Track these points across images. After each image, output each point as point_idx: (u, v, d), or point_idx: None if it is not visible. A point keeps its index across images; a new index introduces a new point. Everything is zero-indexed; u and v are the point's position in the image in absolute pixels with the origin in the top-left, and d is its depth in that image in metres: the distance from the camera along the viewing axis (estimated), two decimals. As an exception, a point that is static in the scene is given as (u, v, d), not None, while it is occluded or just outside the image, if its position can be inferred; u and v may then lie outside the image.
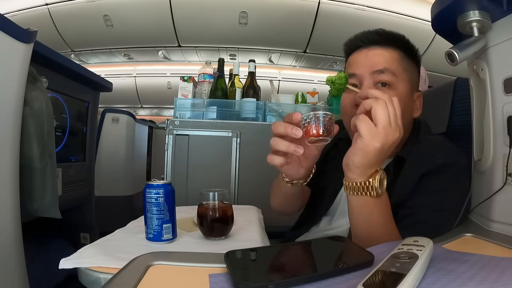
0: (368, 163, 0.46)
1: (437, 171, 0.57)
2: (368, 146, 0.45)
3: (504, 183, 0.54)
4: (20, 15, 2.77)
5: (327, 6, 2.68)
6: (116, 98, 4.03)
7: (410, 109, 0.64)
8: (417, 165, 0.58)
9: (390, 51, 0.61)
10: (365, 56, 0.62)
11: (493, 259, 0.37)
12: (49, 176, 1.05)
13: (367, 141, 0.45)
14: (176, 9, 2.73)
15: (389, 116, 0.45)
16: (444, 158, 0.57)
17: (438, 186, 0.57)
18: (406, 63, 0.62)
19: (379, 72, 0.59)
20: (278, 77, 4.01)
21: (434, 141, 0.63)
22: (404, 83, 0.61)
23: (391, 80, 0.59)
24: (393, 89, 0.59)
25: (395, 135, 0.46)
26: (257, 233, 0.69)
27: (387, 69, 0.59)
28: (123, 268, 0.38)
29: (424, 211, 0.56)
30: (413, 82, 0.63)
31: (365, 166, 0.46)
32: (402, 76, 0.60)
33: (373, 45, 0.62)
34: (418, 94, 0.66)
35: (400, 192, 0.58)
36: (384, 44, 0.61)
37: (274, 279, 0.33)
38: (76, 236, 1.65)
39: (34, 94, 1.00)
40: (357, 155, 0.46)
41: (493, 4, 0.51)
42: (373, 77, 0.60)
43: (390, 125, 0.45)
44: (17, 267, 0.92)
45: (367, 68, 0.60)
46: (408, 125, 0.64)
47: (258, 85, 1.40)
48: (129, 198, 2.36)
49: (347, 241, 0.46)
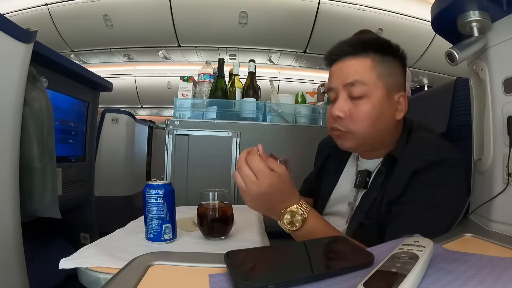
0: (264, 210, 0.58)
1: (429, 168, 0.57)
2: (247, 202, 0.56)
3: (506, 185, 0.54)
4: (20, 15, 2.77)
5: (327, 6, 2.68)
6: (116, 98, 4.04)
7: (390, 112, 0.63)
8: (409, 163, 0.59)
9: (362, 60, 0.62)
10: (339, 69, 0.64)
11: (493, 259, 0.37)
12: (49, 176, 1.05)
13: (244, 198, 0.56)
14: (176, 9, 2.73)
15: (241, 181, 0.54)
16: (436, 155, 0.58)
17: (429, 182, 0.57)
18: (382, 67, 0.62)
19: (350, 85, 0.61)
20: (278, 77, 4.01)
21: (427, 139, 0.63)
22: (379, 90, 0.61)
23: (363, 91, 0.61)
24: (367, 97, 0.61)
25: (254, 188, 0.53)
26: (257, 233, 0.69)
27: (357, 80, 0.61)
28: (123, 268, 0.38)
29: (416, 207, 0.56)
30: (390, 85, 0.63)
31: (266, 212, 0.57)
32: (375, 83, 0.61)
33: (346, 56, 0.63)
34: (401, 94, 0.64)
35: (392, 190, 0.59)
36: (357, 54, 0.62)
37: (274, 279, 0.33)
38: (76, 236, 1.65)
39: (34, 94, 0.99)
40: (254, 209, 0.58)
41: (493, 4, 0.51)
42: (346, 90, 0.62)
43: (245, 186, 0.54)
44: (17, 267, 0.92)
45: (340, 81, 0.63)
46: (390, 126, 0.64)
47: (258, 85, 1.40)
48: (129, 198, 2.36)
49: (347, 241, 0.46)
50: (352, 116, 0.62)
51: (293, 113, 1.39)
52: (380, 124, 0.62)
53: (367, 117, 0.61)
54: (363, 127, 0.61)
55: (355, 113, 0.61)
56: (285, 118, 1.37)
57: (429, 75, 3.58)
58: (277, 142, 1.28)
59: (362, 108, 0.61)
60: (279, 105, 1.39)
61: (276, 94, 1.42)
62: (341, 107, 0.62)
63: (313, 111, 1.40)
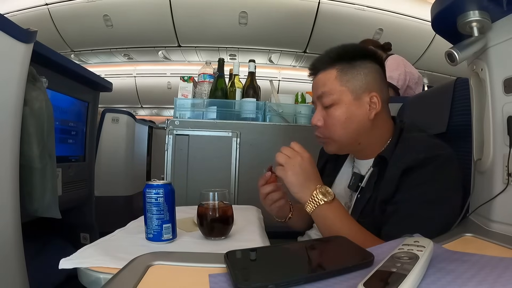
0: (299, 185, 0.62)
1: (419, 166, 0.59)
2: (286, 177, 0.62)
3: (506, 185, 0.53)
4: (20, 15, 2.77)
5: (327, 6, 2.68)
6: (116, 98, 4.04)
7: (360, 113, 0.67)
8: (399, 162, 0.61)
9: (328, 72, 0.69)
10: (314, 83, 0.73)
11: (493, 259, 0.37)
12: (49, 176, 1.05)
13: (282, 175, 0.62)
14: (176, 9, 2.73)
15: (283, 154, 0.64)
16: (426, 153, 0.60)
17: (420, 179, 0.59)
18: (346, 74, 0.67)
19: (320, 97, 0.69)
20: (278, 77, 4.01)
21: (417, 138, 0.66)
22: (345, 95, 0.67)
23: (331, 99, 0.67)
24: (336, 104, 0.67)
25: (297, 158, 0.62)
26: (257, 233, 0.69)
27: (324, 92, 0.68)
28: (123, 268, 0.38)
29: (409, 205, 0.58)
30: (357, 88, 0.67)
31: (299, 188, 0.62)
32: (340, 90, 0.67)
33: (318, 71, 0.71)
34: (373, 95, 0.67)
35: (385, 189, 0.62)
36: (325, 67, 0.69)
37: (274, 279, 0.33)
38: (76, 236, 1.65)
39: (34, 94, 0.99)
40: (290, 187, 0.62)
41: (493, 4, 0.51)
42: (320, 101, 0.70)
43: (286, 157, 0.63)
44: (17, 267, 0.92)
45: (315, 94, 0.72)
46: (364, 126, 0.68)
47: (258, 85, 1.40)
48: (129, 198, 2.36)
49: (347, 241, 0.46)
50: (326, 123, 0.69)
51: (293, 113, 1.39)
52: (352, 125, 0.67)
53: (338, 122, 0.67)
54: (336, 131, 0.68)
55: (328, 120, 0.69)
56: (285, 118, 1.37)
57: (429, 75, 3.58)
58: (277, 142, 1.28)
59: (332, 115, 0.68)
60: (279, 105, 1.39)
61: (276, 94, 1.42)
62: (317, 116, 0.70)
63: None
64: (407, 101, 1.10)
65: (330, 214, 0.60)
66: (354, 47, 0.70)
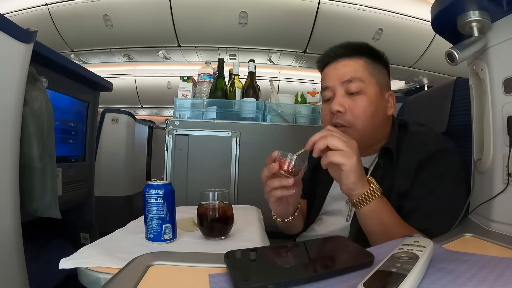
0: (359, 175, 0.54)
1: (432, 159, 0.61)
2: (350, 165, 0.52)
3: (506, 185, 0.53)
4: (20, 15, 2.76)
5: (327, 6, 2.68)
6: (116, 98, 4.03)
7: (383, 107, 0.68)
8: (412, 154, 0.63)
9: (356, 60, 0.67)
10: (334, 69, 0.69)
11: (493, 259, 0.37)
12: (49, 176, 1.05)
13: (346, 161, 0.52)
14: (176, 9, 2.73)
15: (339, 137, 0.53)
16: (435, 146, 0.62)
17: (437, 172, 0.61)
18: (373, 67, 0.67)
19: (348, 82, 0.66)
20: (278, 77, 4.01)
21: (424, 132, 0.68)
22: (373, 86, 0.66)
23: (360, 87, 0.65)
24: (363, 93, 0.65)
25: (353, 142, 0.54)
26: (257, 233, 0.69)
27: (354, 77, 0.65)
28: (123, 268, 0.38)
29: (430, 200, 0.59)
30: (382, 83, 0.68)
31: (358, 179, 0.54)
32: (369, 80, 0.66)
33: (340, 58, 0.68)
34: (389, 93, 0.70)
35: (400, 182, 0.63)
36: (350, 55, 0.68)
37: (274, 279, 0.33)
38: (76, 236, 1.65)
39: (34, 94, 0.99)
40: (350, 176, 0.53)
41: (493, 4, 0.51)
42: (344, 87, 0.66)
43: (345, 141, 0.53)
44: (17, 267, 0.92)
45: (337, 79, 0.67)
46: (383, 121, 0.69)
47: (258, 85, 1.40)
48: (129, 198, 2.36)
49: (347, 241, 0.46)
50: (352, 110, 0.65)
51: (293, 113, 1.39)
52: (376, 118, 0.66)
53: (365, 111, 0.65)
54: (363, 121, 0.65)
55: (354, 108, 0.65)
56: (285, 118, 1.37)
57: (429, 75, 3.57)
58: (277, 142, 1.28)
59: (360, 103, 0.65)
60: (279, 105, 1.38)
61: (276, 94, 1.42)
62: (341, 102, 0.65)
63: (313, 111, 1.40)
64: (407, 101, 1.10)
65: (386, 207, 0.57)
66: (375, 48, 0.70)
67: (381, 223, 0.56)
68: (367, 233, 0.59)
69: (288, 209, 0.69)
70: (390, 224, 0.56)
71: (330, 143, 0.53)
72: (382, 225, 0.56)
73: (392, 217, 0.57)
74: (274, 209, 0.68)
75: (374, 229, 0.57)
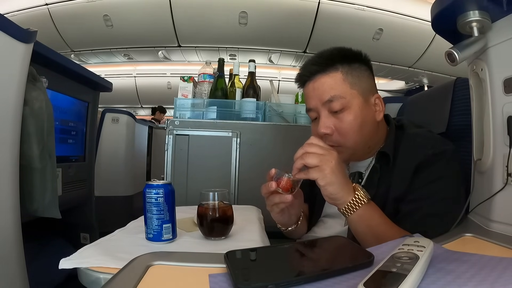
0: (337, 186, 0.54)
1: (430, 162, 0.60)
2: (324, 179, 0.54)
3: (505, 184, 0.54)
4: (20, 15, 2.77)
5: (327, 6, 2.68)
6: (116, 98, 4.04)
7: (371, 116, 0.66)
8: (410, 157, 0.62)
9: (332, 75, 0.64)
10: (312, 89, 0.66)
11: (493, 259, 0.37)
12: (49, 176, 1.04)
13: (319, 175, 0.54)
14: (176, 9, 2.73)
15: (314, 153, 0.55)
16: (434, 149, 0.61)
17: (434, 176, 0.60)
18: (352, 76, 0.64)
19: (329, 102, 0.63)
20: (278, 77, 4.02)
21: (421, 134, 0.67)
22: (356, 98, 0.64)
23: (342, 103, 0.63)
24: (347, 109, 0.63)
25: (331, 154, 0.55)
26: (257, 233, 0.69)
27: (334, 96, 0.63)
28: (123, 268, 0.38)
29: (428, 203, 0.59)
30: (365, 90, 0.65)
31: (338, 189, 0.55)
32: (351, 93, 0.63)
33: (316, 75, 0.65)
34: (375, 96, 0.67)
35: (397, 186, 0.62)
36: (325, 70, 0.64)
37: (274, 279, 0.33)
38: (76, 236, 1.65)
39: (34, 94, 0.99)
40: (327, 189, 0.54)
41: (493, 4, 0.51)
42: (326, 107, 0.64)
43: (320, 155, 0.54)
44: (17, 267, 0.92)
45: (318, 100, 0.65)
46: (373, 129, 0.67)
47: (258, 85, 1.40)
48: (129, 198, 2.36)
49: (347, 241, 0.46)
50: (338, 130, 0.64)
51: (293, 113, 1.39)
52: (365, 130, 0.65)
53: (352, 127, 0.63)
54: (351, 138, 0.64)
55: (340, 127, 0.64)
56: (285, 118, 1.37)
57: (429, 75, 3.58)
58: (277, 142, 1.28)
59: (345, 120, 0.63)
60: (279, 105, 1.38)
61: (276, 94, 1.42)
62: (326, 124, 0.64)
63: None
64: (407, 101, 1.10)
65: (374, 212, 0.57)
66: (348, 50, 0.66)
67: (371, 229, 0.56)
68: (359, 240, 0.58)
69: (291, 219, 0.70)
70: (381, 230, 0.56)
71: (305, 162, 0.55)
72: (372, 231, 0.56)
73: (382, 223, 0.57)
74: (277, 220, 0.69)
75: (365, 236, 0.57)
